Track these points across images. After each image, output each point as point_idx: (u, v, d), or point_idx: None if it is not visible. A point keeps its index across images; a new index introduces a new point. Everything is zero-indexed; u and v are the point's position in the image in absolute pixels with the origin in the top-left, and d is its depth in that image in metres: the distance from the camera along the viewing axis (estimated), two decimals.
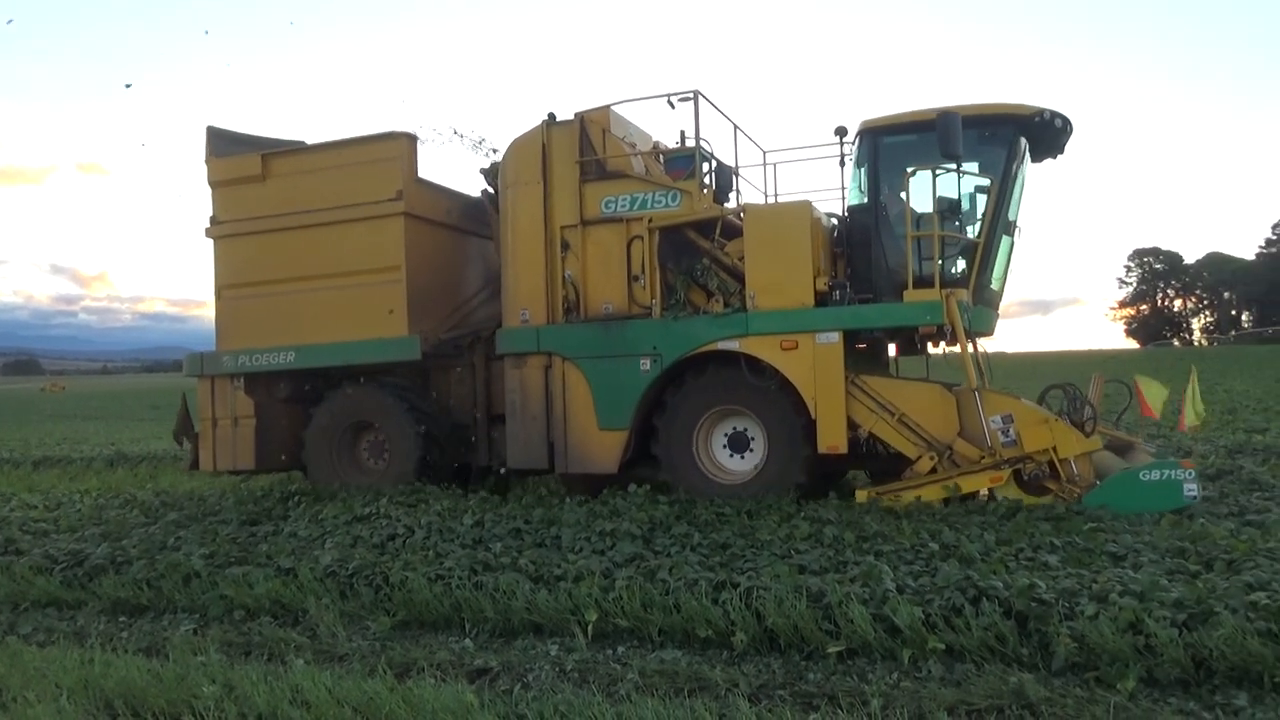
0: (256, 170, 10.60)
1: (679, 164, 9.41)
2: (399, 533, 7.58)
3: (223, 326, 10.94)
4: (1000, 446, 7.95)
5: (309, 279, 10.39)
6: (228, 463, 10.94)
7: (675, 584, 5.52)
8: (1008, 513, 7.30)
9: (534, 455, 9.50)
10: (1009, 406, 8.12)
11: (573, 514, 7.91)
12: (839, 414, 8.31)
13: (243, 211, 10.74)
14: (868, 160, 9.06)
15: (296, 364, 10.39)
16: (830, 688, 4.43)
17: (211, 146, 10.91)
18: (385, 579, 6.17)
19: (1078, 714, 3.99)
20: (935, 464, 8.15)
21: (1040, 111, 8.62)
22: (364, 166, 10.21)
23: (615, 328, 9.12)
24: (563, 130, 9.41)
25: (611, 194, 9.19)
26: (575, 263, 9.35)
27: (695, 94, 9.06)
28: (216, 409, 10.99)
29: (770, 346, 8.52)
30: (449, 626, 5.71)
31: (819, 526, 6.95)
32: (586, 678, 4.70)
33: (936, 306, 8.20)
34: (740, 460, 8.98)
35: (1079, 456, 7.82)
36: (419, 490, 9.42)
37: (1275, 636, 4.31)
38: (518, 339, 9.56)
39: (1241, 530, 6.28)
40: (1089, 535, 6.37)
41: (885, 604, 4.97)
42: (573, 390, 9.27)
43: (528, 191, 9.49)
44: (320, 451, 10.51)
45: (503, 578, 5.87)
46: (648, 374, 8.95)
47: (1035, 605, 4.80)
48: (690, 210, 9.00)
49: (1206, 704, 4.11)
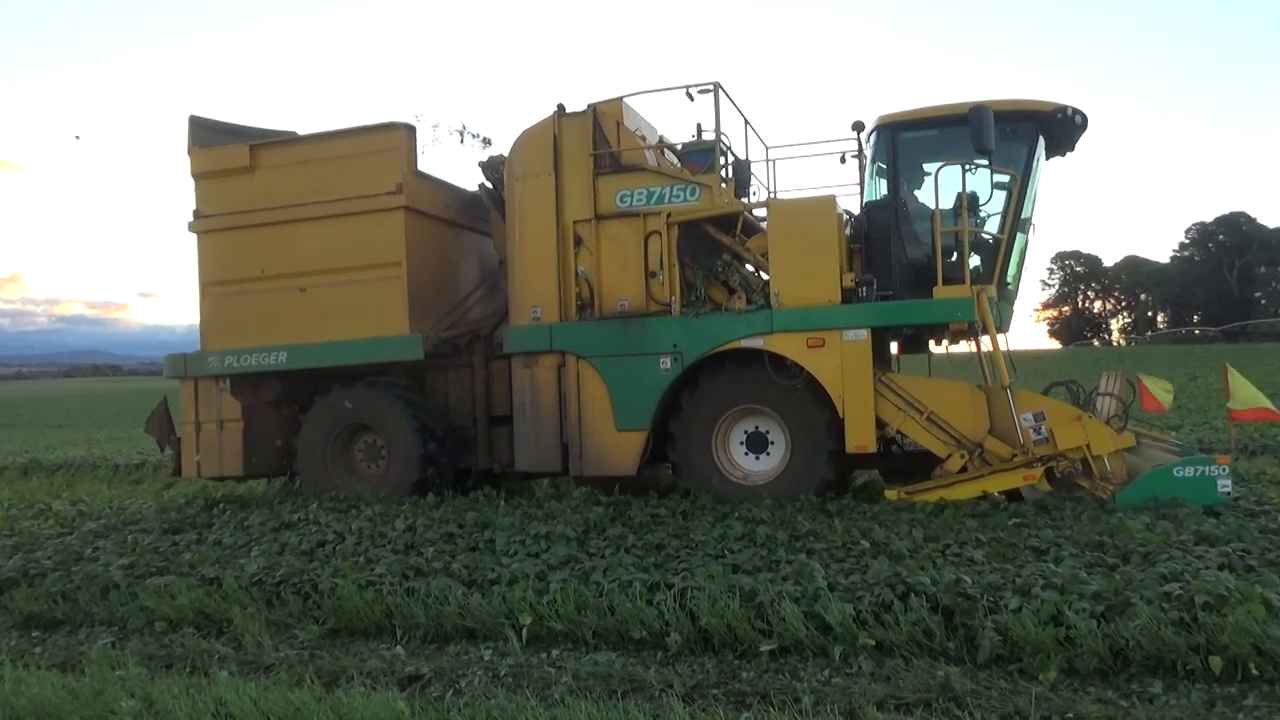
0: (244, 161, 10.09)
1: (697, 157, 9.13)
2: (329, 539, 7.42)
3: (208, 326, 10.40)
4: (1032, 444, 7.87)
5: (302, 275, 9.95)
6: (213, 469, 10.41)
7: (610, 586, 5.51)
8: (935, 510, 7.44)
9: (546, 458, 9.16)
10: (1040, 404, 8.07)
11: (507, 517, 7.84)
12: (867, 412, 8.14)
13: (229, 205, 10.22)
14: (886, 156, 8.88)
15: (289, 365, 9.92)
16: (763, 686, 4.46)
17: (194, 137, 10.36)
18: (314, 586, 6.05)
19: (1002, 705, 4.09)
20: (965, 462, 8.05)
21: (1062, 108, 8.51)
22: (361, 158, 9.79)
23: (634, 326, 8.82)
24: (575, 122, 9.09)
25: (627, 188, 8.91)
26: (589, 258, 9.02)
27: (716, 86, 8.78)
28: (200, 412, 10.44)
29: (796, 344, 8.32)
30: (380, 634, 5.61)
31: (752, 526, 7.00)
32: (520, 682, 4.66)
33: (968, 303, 8.07)
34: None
35: (1112, 454, 7.80)
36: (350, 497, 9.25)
37: (1187, 626, 4.48)
38: (529, 337, 9.21)
39: (1156, 524, 6.49)
40: (1013, 531, 6.53)
41: (817, 602, 5.03)
42: (588, 390, 8.94)
43: (538, 184, 9.15)
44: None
45: (435, 583, 5.80)
46: (668, 373, 8.68)
47: (961, 600, 4.91)
48: (710, 205, 8.75)
49: (1124, 692, 4.26)
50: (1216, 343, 53.45)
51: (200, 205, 10.42)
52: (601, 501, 8.30)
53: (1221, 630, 4.38)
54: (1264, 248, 72.03)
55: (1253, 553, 5.61)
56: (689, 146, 9.34)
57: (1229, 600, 4.59)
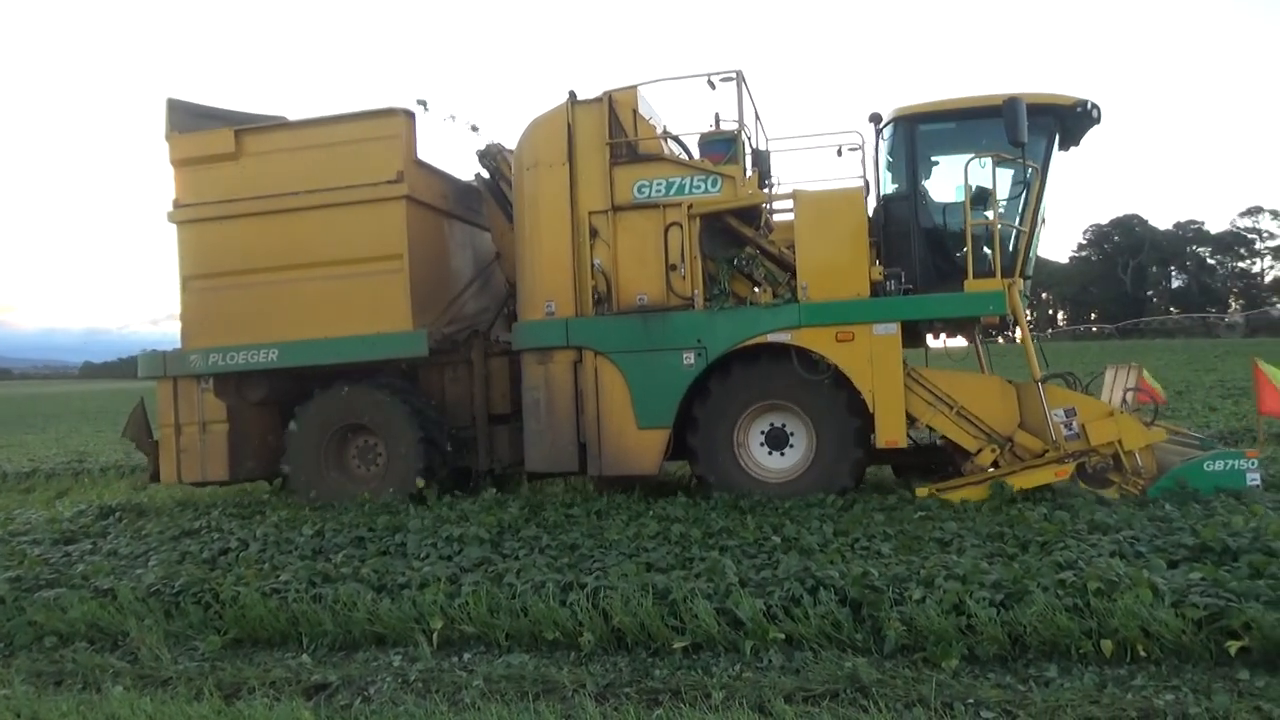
0: (229, 148, 9.53)
1: (717, 148, 8.82)
2: (232, 546, 7.21)
3: (190, 322, 9.76)
4: (1063, 440, 7.84)
5: (293, 268, 9.43)
6: (194, 473, 9.80)
7: (522, 587, 5.46)
8: (846, 505, 7.60)
9: (561, 458, 8.82)
10: (1070, 399, 8.05)
11: (419, 520, 7.72)
12: (898, 407, 8.06)
13: (212, 193, 9.63)
14: (904, 149, 8.70)
15: (280, 362, 9.38)
16: (675, 683, 4.49)
17: (173, 121, 9.76)
18: (215, 596, 5.84)
19: (906, 694, 4.20)
20: (996, 456, 8.01)
21: (1082, 102, 8.39)
22: (359, 145, 9.31)
23: (655, 320, 8.54)
24: (589, 110, 8.79)
25: (645, 178, 8.64)
26: (605, 251, 8.71)
27: (738, 74, 8.58)
28: (180, 414, 9.82)
29: (825, 338, 8.17)
30: (285, 643, 5.46)
31: (667, 524, 7.04)
32: (431, 687, 4.59)
33: (1000, 296, 8.01)
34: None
35: (1143, 449, 7.82)
36: (258, 501, 8.98)
37: (1081, 612, 4.67)
38: (542, 333, 8.87)
39: (1054, 514, 6.75)
40: (919, 524, 6.72)
41: (728, 598, 5.07)
42: (608, 387, 8.63)
43: (551, 174, 8.81)
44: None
45: (343, 588, 5.66)
46: (691, 368, 8.44)
47: (868, 592, 5.02)
48: (734, 196, 8.55)
49: (1021, 677, 4.41)
50: (1112, 339, 55.80)
51: (180, 194, 9.80)
52: (515, 503, 8.24)
53: (1112, 615, 4.57)
54: (1155, 248, 75.44)
55: (1142, 540, 5.87)
56: (708, 136, 9.06)
57: (1119, 586, 4.80)
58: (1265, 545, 5.43)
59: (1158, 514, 6.69)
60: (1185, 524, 6.21)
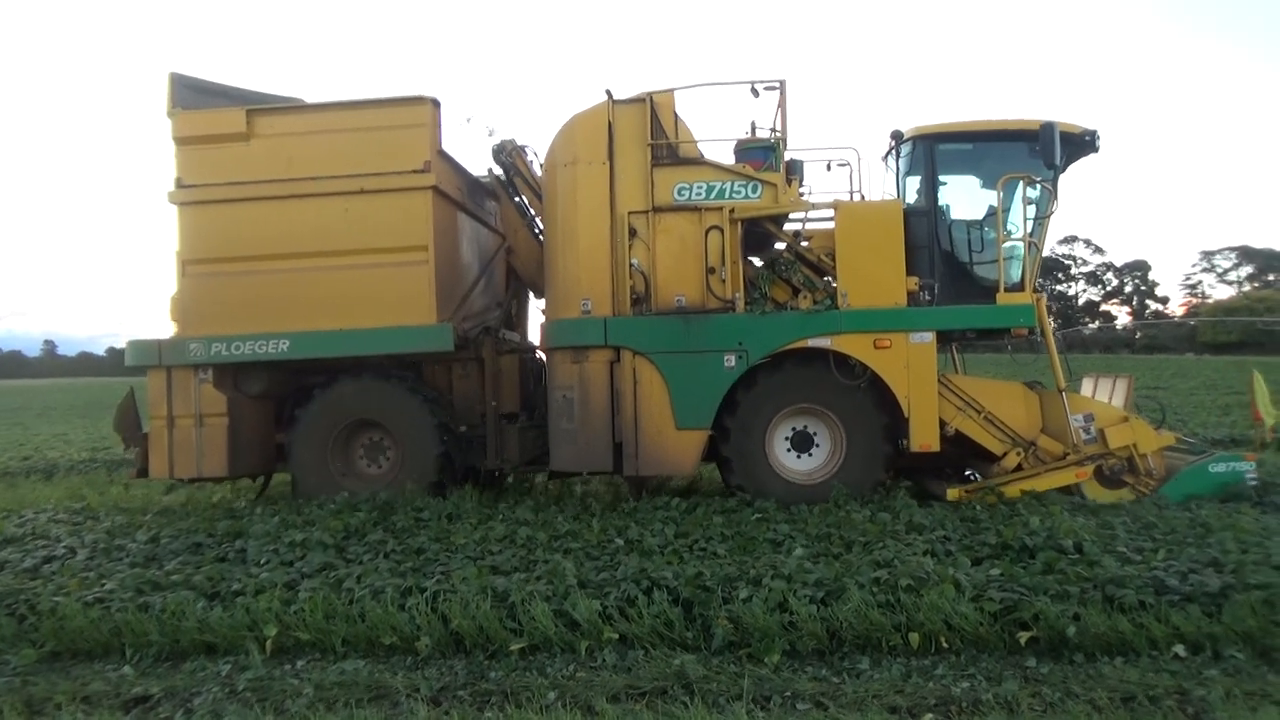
0: (240, 128, 9.00)
1: (755, 154, 8.90)
2: (58, 554, 6.87)
3: (189, 309, 9.13)
4: (1082, 443, 8.31)
5: (307, 256, 8.96)
6: (189, 469, 9.09)
7: (361, 592, 5.44)
8: (689, 507, 7.84)
9: (595, 458, 8.68)
10: (1088, 406, 8.56)
11: (262, 524, 7.53)
12: (931, 412, 8.30)
13: (219, 175, 9.08)
14: (923, 166, 8.98)
15: (291, 354, 8.90)
16: (509, 684, 4.58)
17: (176, 97, 9.18)
18: (31, 607, 5.59)
19: (729, 688, 4.42)
20: (1021, 459, 8.37)
21: (1090, 131, 8.84)
22: (384, 132, 8.94)
23: (697, 322, 8.56)
24: (631, 110, 8.76)
25: (685, 180, 8.69)
26: (643, 251, 8.69)
27: (781, 83, 8.71)
28: (175, 406, 9.11)
29: (863, 345, 8.37)
30: (108, 654, 5.28)
31: (514, 528, 7.11)
32: (259, 696, 4.53)
33: (1030, 310, 8.38)
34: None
35: (1154, 452, 8.37)
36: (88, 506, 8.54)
37: (892, 607, 5.02)
38: (579, 331, 8.71)
39: (877, 515, 7.18)
40: (755, 525, 7.01)
41: (566, 600, 5.20)
42: (646, 387, 8.58)
43: (590, 171, 8.74)
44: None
45: (172, 597, 5.50)
46: (732, 371, 8.49)
47: (700, 592, 5.24)
48: (774, 203, 8.67)
49: (836, 670, 4.71)
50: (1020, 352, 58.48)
51: (182, 173, 9.19)
52: (362, 507, 8.12)
53: (919, 609, 4.95)
54: None
55: (952, 539, 6.33)
56: (745, 144, 9.12)
57: (927, 582, 5.18)
58: (1056, 543, 5.96)
59: (968, 515, 7.20)
60: (991, 524, 6.72)
